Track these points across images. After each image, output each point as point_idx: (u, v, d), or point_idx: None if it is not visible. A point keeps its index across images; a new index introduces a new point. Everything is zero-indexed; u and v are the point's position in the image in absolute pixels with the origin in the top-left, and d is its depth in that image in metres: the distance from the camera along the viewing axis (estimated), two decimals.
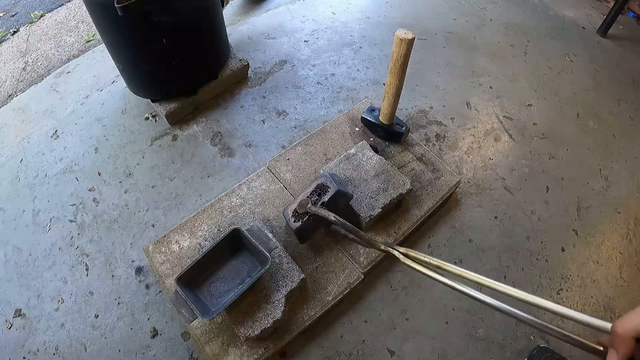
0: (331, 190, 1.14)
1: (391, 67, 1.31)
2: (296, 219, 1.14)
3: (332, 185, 1.15)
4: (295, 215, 1.15)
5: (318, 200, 1.14)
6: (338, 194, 1.14)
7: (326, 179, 1.17)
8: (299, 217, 1.14)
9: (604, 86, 2.13)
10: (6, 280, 1.38)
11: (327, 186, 1.16)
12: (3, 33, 2.35)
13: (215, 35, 1.67)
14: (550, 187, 1.70)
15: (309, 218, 1.12)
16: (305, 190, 1.18)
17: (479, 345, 1.31)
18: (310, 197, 1.15)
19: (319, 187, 1.16)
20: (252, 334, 1.09)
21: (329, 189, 1.15)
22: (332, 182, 1.15)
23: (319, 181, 1.17)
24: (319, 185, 1.16)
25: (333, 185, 1.15)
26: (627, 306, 1.44)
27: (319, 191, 1.16)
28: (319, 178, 1.19)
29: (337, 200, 1.15)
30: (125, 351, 1.25)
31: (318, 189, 1.16)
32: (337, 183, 1.16)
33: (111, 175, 1.61)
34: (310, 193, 1.16)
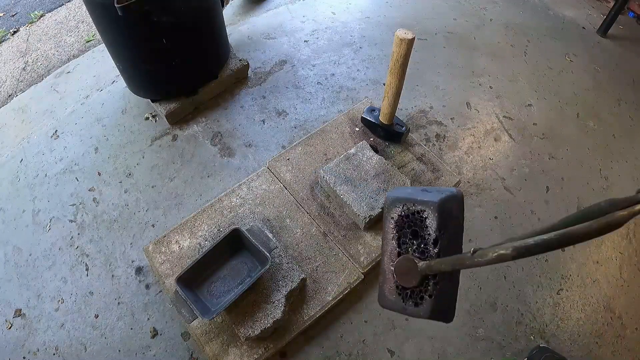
0: (432, 213, 0.57)
1: (391, 67, 1.31)
2: (414, 298, 0.59)
3: (426, 205, 0.58)
4: (405, 295, 0.61)
5: (422, 245, 0.59)
6: (446, 211, 0.58)
7: (402, 201, 0.62)
8: (414, 294, 0.59)
9: (604, 86, 2.13)
10: (6, 280, 1.38)
11: (417, 212, 0.59)
12: (3, 33, 2.35)
13: (215, 35, 1.67)
14: (550, 187, 1.70)
15: (435, 285, 0.57)
16: (385, 240, 0.64)
17: (479, 345, 1.31)
18: (402, 247, 0.61)
19: (401, 224, 0.62)
20: (252, 334, 1.09)
21: (425, 213, 0.58)
22: (418, 199, 0.60)
23: (394, 213, 0.62)
24: (400, 220, 0.62)
25: (427, 203, 0.58)
26: (627, 306, 1.44)
27: (406, 228, 0.61)
28: (389, 211, 0.63)
29: (450, 219, 0.58)
30: (125, 351, 1.25)
31: (402, 225, 0.62)
32: (421, 194, 0.60)
33: (111, 175, 1.61)
34: (398, 240, 0.62)
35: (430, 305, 0.57)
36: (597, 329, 1.39)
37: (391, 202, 0.63)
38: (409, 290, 0.60)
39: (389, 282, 0.63)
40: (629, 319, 1.42)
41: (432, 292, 0.57)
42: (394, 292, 0.63)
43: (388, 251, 0.64)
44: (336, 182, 1.35)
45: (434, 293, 0.57)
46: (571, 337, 1.36)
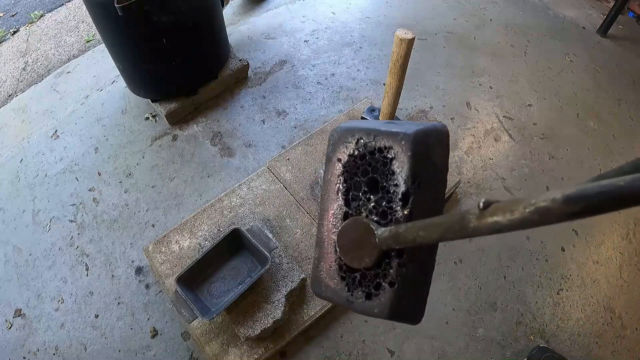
0: (402, 154, 0.37)
1: (391, 67, 1.31)
2: (365, 285, 0.39)
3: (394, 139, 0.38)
4: (352, 280, 0.40)
5: (384, 201, 0.39)
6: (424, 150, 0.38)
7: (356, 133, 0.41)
8: (366, 280, 0.39)
9: (604, 86, 2.12)
10: (6, 280, 1.38)
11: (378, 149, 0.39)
12: (3, 33, 2.35)
13: (215, 35, 1.67)
14: (550, 187, 1.70)
15: (400, 267, 0.37)
16: (326, 194, 0.44)
17: (479, 345, 1.31)
18: (352, 204, 0.41)
19: (352, 168, 0.41)
20: (252, 334, 1.09)
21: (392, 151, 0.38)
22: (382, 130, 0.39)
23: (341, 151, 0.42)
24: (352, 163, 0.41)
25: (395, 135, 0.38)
26: (627, 306, 1.44)
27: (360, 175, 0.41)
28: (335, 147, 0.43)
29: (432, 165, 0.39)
30: (125, 351, 1.25)
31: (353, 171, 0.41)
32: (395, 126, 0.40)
33: (111, 175, 1.61)
34: (346, 193, 0.42)
35: (390, 299, 0.36)
36: (597, 329, 1.39)
37: (340, 134, 0.40)
38: (359, 273, 0.39)
39: (328, 259, 0.41)
40: (629, 319, 1.42)
41: (395, 279, 0.36)
42: (336, 275, 0.40)
43: (330, 211, 0.41)
44: None
45: (397, 280, 0.36)
46: (571, 337, 1.36)
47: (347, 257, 0.39)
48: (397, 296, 0.36)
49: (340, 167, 0.41)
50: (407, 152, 0.36)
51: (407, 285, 0.37)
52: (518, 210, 0.24)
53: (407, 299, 0.38)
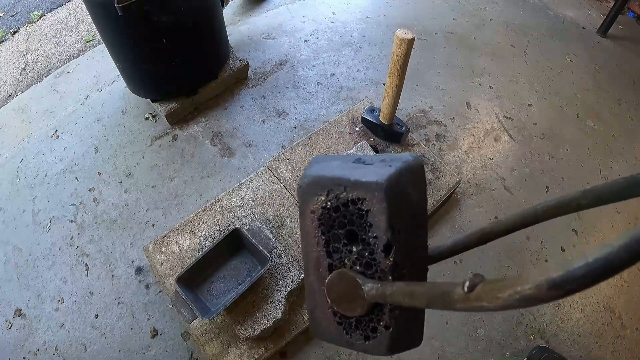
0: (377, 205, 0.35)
1: (391, 67, 1.31)
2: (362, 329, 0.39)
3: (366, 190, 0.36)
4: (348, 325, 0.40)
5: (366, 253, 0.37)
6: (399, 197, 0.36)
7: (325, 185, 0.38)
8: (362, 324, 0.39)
9: (604, 86, 2.12)
10: (6, 280, 1.38)
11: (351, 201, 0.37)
12: (3, 33, 2.35)
13: (215, 35, 1.67)
14: (550, 187, 1.70)
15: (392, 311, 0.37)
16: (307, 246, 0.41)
17: (479, 345, 1.31)
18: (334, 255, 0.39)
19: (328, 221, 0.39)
20: (252, 334, 1.09)
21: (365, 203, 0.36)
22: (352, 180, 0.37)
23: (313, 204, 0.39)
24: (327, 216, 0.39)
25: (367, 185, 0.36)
26: (627, 306, 1.44)
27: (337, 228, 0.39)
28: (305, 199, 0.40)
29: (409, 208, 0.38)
30: (125, 351, 1.25)
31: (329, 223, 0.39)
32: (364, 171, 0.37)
33: (111, 175, 1.61)
34: (327, 245, 0.40)
35: (388, 339, 0.37)
36: (597, 329, 1.39)
37: (308, 186, 0.39)
38: (354, 319, 0.39)
39: (322, 308, 0.41)
40: (629, 319, 1.42)
41: (389, 322, 0.37)
42: (332, 322, 0.41)
43: (313, 262, 0.40)
44: None
45: (391, 323, 0.37)
46: (571, 337, 1.36)
47: (339, 307, 0.39)
48: (394, 336, 0.37)
49: (316, 220, 0.39)
50: (382, 203, 0.34)
51: (402, 324, 0.38)
52: (503, 297, 0.24)
53: (404, 334, 0.39)
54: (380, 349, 0.38)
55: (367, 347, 0.39)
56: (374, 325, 0.38)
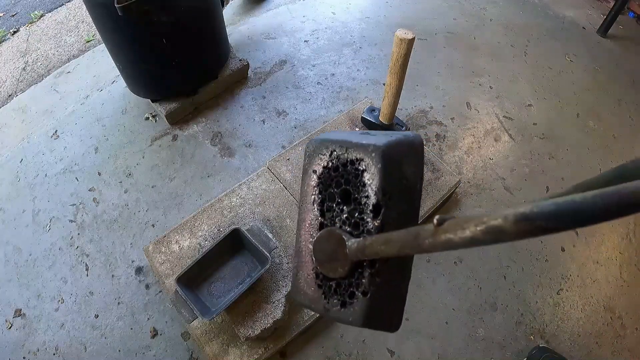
0: (373, 166, 0.37)
1: (391, 67, 1.31)
2: (340, 294, 0.40)
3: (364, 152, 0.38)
4: (328, 288, 0.41)
5: (356, 213, 0.39)
6: (394, 163, 0.38)
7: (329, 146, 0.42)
8: (341, 288, 0.40)
9: (604, 86, 2.12)
10: (6, 280, 1.38)
11: (350, 162, 0.40)
12: (3, 33, 2.35)
13: (215, 35, 1.67)
14: (550, 187, 1.70)
15: (372, 276, 0.37)
16: (303, 205, 0.44)
17: (479, 345, 1.31)
18: (327, 215, 0.42)
19: (327, 180, 0.42)
20: (252, 334, 1.09)
21: (363, 163, 0.38)
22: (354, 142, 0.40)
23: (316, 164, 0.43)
24: (326, 175, 0.42)
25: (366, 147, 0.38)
26: (627, 306, 1.44)
27: (334, 187, 0.41)
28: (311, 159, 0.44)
29: (403, 177, 0.39)
30: (125, 351, 1.25)
31: (328, 182, 0.42)
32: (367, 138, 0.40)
33: (111, 175, 1.61)
34: (321, 204, 0.43)
35: (364, 308, 0.37)
36: (597, 329, 1.39)
37: (315, 147, 0.42)
38: (334, 281, 0.40)
39: (306, 268, 0.42)
40: (629, 319, 1.42)
41: (367, 288, 0.37)
42: (313, 283, 0.41)
43: (307, 222, 0.42)
44: None
45: (369, 289, 0.37)
46: (571, 337, 1.36)
47: (322, 267, 0.40)
48: (370, 305, 0.37)
49: (316, 179, 0.42)
50: (377, 164, 0.36)
51: (381, 294, 0.37)
52: (469, 228, 0.24)
53: (381, 307, 0.38)
54: (355, 318, 0.37)
55: (342, 314, 0.38)
56: (353, 290, 0.38)
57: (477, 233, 0.23)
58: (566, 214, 0.21)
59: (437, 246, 0.26)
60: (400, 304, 0.40)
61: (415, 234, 0.29)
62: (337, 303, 0.39)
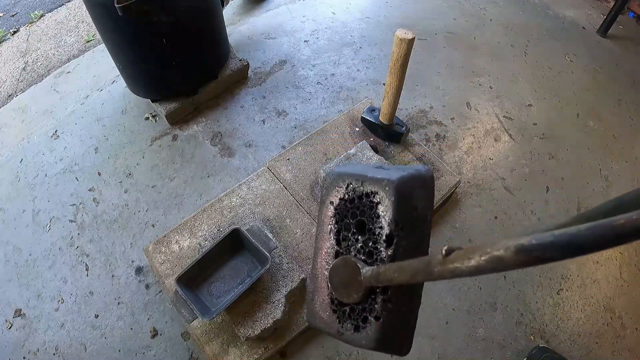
0: (387, 199, 0.40)
1: (391, 67, 1.31)
2: (353, 318, 0.42)
3: (379, 185, 0.41)
4: (342, 313, 0.44)
5: (370, 242, 0.42)
6: (406, 196, 0.41)
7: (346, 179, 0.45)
8: (355, 313, 0.42)
9: (604, 86, 2.12)
10: (6, 280, 1.38)
11: (365, 194, 0.43)
12: (3, 33, 2.35)
13: (215, 35, 1.67)
14: (550, 187, 1.70)
15: (384, 302, 0.40)
16: (320, 234, 0.47)
17: (479, 345, 1.31)
18: (342, 244, 0.45)
19: (343, 211, 0.45)
20: (252, 334, 1.09)
21: (378, 196, 0.41)
22: (369, 176, 0.43)
23: (334, 195, 0.46)
24: (342, 206, 0.45)
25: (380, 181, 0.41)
26: (627, 306, 1.44)
27: (350, 218, 0.44)
28: (328, 190, 0.47)
29: (414, 209, 0.42)
30: (125, 351, 1.25)
31: (344, 213, 0.45)
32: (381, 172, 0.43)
33: (111, 175, 1.61)
34: (338, 234, 0.45)
35: (376, 332, 0.39)
36: (597, 329, 1.39)
37: (333, 179, 0.45)
38: (348, 307, 0.42)
39: (322, 293, 0.44)
40: (629, 319, 1.42)
41: (380, 313, 0.39)
42: (328, 308, 0.44)
43: (323, 250, 0.45)
44: None
45: (382, 314, 0.39)
46: (571, 337, 1.36)
47: (337, 292, 0.42)
48: (382, 329, 0.39)
49: (332, 210, 0.45)
50: (391, 197, 0.39)
51: (392, 319, 0.39)
52: (474, 258, 0.26)
53: (393, 331, 0.40)
54: (367, 341, 0.40)
55: (355, 338, 0.41)
56: (366, 315, 0.40)
57: (482, 263, 0.26)
58: (561, 246, 0.23)
59: (446, 274, 0.29)
60: (411, 329, 0.42)
61: (426, 262, 0.31)
62: (351, 327, 0.41)
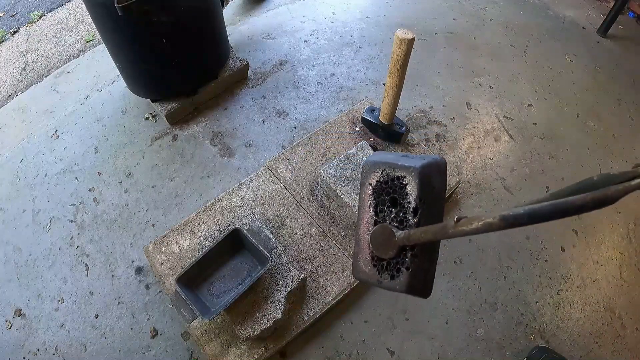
0: (412, 181, 0.55)
1: (391, 67, 1.31)
2: (390, 270, 0.56)
3: (406, 171, 0.56)
4: (380, 266, 0.57)
5: (401, 213, 0.56)
6: (427, 179, 0.55)
7: (381, 166, 0.59)
8: (390, 266, 0.56)
9: (604, 86, 2.12)
10: (6, 280, 1.38)
11: (396, 178, 0.57)
12: (3, 33, 2.35)
13: (215, 35, 1.67)
14: (550, 187, 1.70)
15: (413, 257, 0.54)
16: (362, 208, 0.61)
17: (479, 345, 1.31)
18: (380, 215, 0.59)
19: (379, 190, 0.59)
20: (252, 334, 1.09)
21: (406, 179, 0.56)
22: (398, 164, 0.57)
23: (372, 178, 0.60)
24: (379, 187, 0.59)
25: (407, 168, 0.55)
26: (627, 306, 1.44)
27: (385, 195, 0.59)
28: (367, 175, 0.61)
29: (433, 188, 0.56)
30: (125, 351, 1.25)
31: (380, 191, 0.59)
32: (402, 159, 0.58)
33: (111, 175, 1.61)
34: (376, 207, 0.60)
35: (407, 278, 0.54)
36: (597, 329, 1.39)
37: (370, 166, 0.60)
38: (385, 261, 0.57)
39: (364, 253, 0.60)
40: (629, 319, 1.42)
41: (410, 265, 0.54)
42: (369, 264, 0.59)
43: (364, 219, 0.61)
44: (336, 182, 1.35)
45: (411, 265, 0.53)
46: (571, 337, 1.36)
47: (377, 251, 0.57)
48: (412, 276, 0.53)
49: (371, 189, 0.59)
50: (416, 180, 0.54)
51: (418, 269, 0.54)
52: (475, 223, 0.41)
53: (419, 278, 0.54)
54: (401, 286, 0.54)
55: (391, 284, 0.56)
56: (399, 266, 0.55)
57: (479, 226, 0.41)
58: (528, 215, 0.36)
59: (457, 233, 0.43)
60: (432, 276, 0.57)
61: (443, 226, 0.46)
62: (388, 277, 0.56)
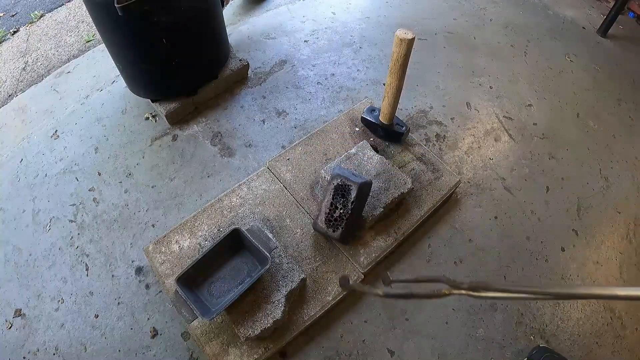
0: (354, 188, 1.19)
1: (391, 67, 1.31)
2: (333, 227, 1.25)
3: (353, 183, 1.19)
4: (329, 224, 1.25)
5: (345, 202, 1.21)
6: (361, 188, 1.20)
7: (341, 178, 1.22)
8: (335, 225, 1.24)
9: (604, 86, 2.13)
10: (6, 280, 1.38)
11: (347, 185, 1.20)
12: (3, 33, 2.35)
13: (215, 35, 1.67)
14: (550, 187, 1.70)
15: (347, 221, 1.23)
16: (327, 194, 1.24)
17: (479, 345, 1.31)
18: (334, 200, 1.22)
19: (337, 188, 1.22)
20: (252, 334, 1.09)
21: (352, 187, 1.19)
22: (350, 178, 1.20)
23: (334, 182, 1.23)
24: (337, 187, 1.22)
25: (354, 182, 1.19)
26: (627, 306, 1.44)
27: (339, 192, 1.22)
28: (332, 180, 1.23)
29: (363, 193, 1.23)
30: (125, 351, 1.25)
31: (337, 190, 1.22)
32: (352, 176, 1.22)
33: (111, 175, 1.61)
34: (333, 197, 1.22)
35: (341, 233, 1.23)
36: (597, 329, 1.39)
37: (335, 174, 1.23)
38: (333, 221, 1.24)
39: (322, 216, 1.25)
40: (629, 319, 1.42)
41: (343, 226, 1.23)
42: (324, 223, 1.25)
43: (326, 201, 1.25)
44: None
45: (344, 226, 1.23)
46: (571, 337, 1.36)
47: (329, 215, 1.25)
48: (344, 231, 1.24)
49: (332, 188, 1.23)
50: (356, 188, 1.19)
51: (347, 229, 1.24)
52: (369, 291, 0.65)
53: (348, 234, 1.26)
54: (337, 235, 1.24)
55: (334, 234, 1.24)
56: (338, 225, 1.24)
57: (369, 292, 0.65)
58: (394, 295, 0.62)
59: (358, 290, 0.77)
60: (352, 234, 1.32)
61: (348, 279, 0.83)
62: (332, 230, 1.25)
